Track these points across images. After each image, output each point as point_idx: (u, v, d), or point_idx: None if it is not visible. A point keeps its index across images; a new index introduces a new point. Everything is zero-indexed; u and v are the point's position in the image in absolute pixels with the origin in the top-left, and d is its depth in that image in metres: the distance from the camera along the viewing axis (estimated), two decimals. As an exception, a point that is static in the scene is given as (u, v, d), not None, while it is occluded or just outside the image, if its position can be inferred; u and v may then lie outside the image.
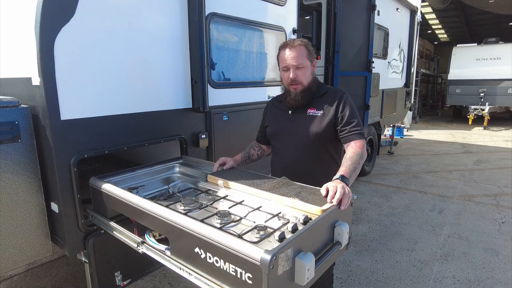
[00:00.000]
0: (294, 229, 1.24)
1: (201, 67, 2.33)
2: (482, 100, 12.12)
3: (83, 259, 2.02)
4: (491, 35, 13.22)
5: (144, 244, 1.51)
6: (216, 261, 1.19)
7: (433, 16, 19.16)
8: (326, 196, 1.47)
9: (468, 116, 12.63)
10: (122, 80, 2.00)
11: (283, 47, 1.90)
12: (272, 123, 2.05)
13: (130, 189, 1.79)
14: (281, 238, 1.17)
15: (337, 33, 4.02)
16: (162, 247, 1.44)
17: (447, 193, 5.25)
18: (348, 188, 1.52)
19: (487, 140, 9.89)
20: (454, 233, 3.89)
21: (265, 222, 1.38)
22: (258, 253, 1.06)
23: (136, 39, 2.04)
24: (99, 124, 1.92)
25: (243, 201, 1.59)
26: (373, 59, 4.87)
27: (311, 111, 1.91)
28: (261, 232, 1.30)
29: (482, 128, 12.11)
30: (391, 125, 7.61)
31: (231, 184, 1.71)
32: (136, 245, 1.54)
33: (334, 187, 1.46)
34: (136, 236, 1.55)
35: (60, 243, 1.95)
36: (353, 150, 1.78)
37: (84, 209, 1.92)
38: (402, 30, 6.78)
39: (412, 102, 8.61)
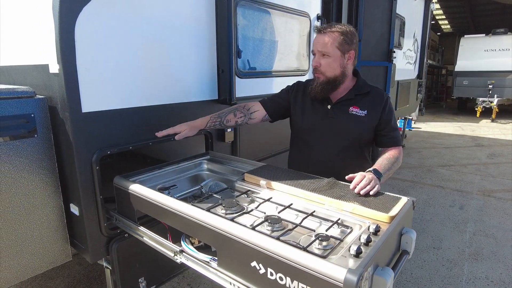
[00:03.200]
0: (368, 240, 1.07)
1: (229, 55, 2.13)
2: (490, 92, 11.90)
3: (105, 264, 1.85)
4: (496, 26, 12.94)
5: (183, 253, 1.33)
6: (281, 279, 1.01)
7: (437, 6, 18.81)
8: (350, 181, 1.44)
9: (476, 109, 12.43)
10: (148, 68, 1.81)
11: (316, 30, 1.73)
12: (305, 115, 1.85)
13: (160, 190, 1.61)
14: (358, 252, 1.00)
15: (359, 20, 3.80)
16: (206, 257, 1.26)
17: (465, 188, 5.10)
18: (378, 181, 1.44)
19: (497, 133, 9.73)
20: (479, 231, 3.75)
21: (326, 230, 1.21)
22: (340, 273, 0.89)
23: (162, 23, 1.84)
24: (123, 117, 1.73)
25: (291, 204, 1.42)
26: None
27: (354, 110, 1.75)
28: (324, 243, 1.13)
29: (490, 120, 11.93)
30: (403, 117, 7.43)
31: (275, 184, 1.53)
32: (173, 254, 1.36)
33: (361, 176, 1.42)
34: (173, 245, 1.37)
35: (81, 248, 1.77)
36: (392, 152, 1.71)
37: (107, 211, 1.75)
38: (417, 19, 6.55)
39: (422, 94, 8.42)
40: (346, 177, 1.46)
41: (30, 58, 1.70)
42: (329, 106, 1.78)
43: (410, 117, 8.97)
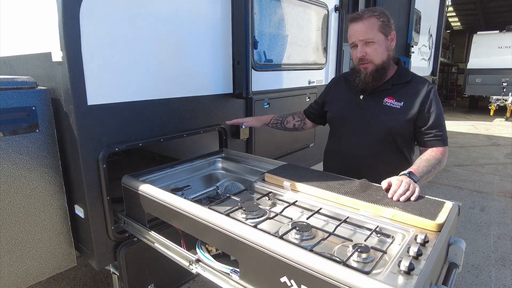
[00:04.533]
0: (419, 253, 0.91)
1: (245, 45, 1.97)
2: (504, 90, 11.57)
3: (112, 270, 1.72)
4: (508, 23, 12.57)
5: (200, 262, 1.19)
6: (318, 299, 0.86)
7: (448, 3, 18.41)
8: (387, 190, 1.27)
9: (489, 107, 12.09)
10: (158, 58, 1.66)
11: (349, 20, 1.58)
12: (336, 106, 1.75)
13: (173, 191, 1.47)
14: (411, 269, 0.84)
15: (377, 12, 3.62)
16: (226, 268, 1.12)
17: (484, 189, 4.89)
18: (416, 184, 1.28)
19: (513, 132, 9.46)
20: (503, 234, 3.55)
21: (365, 240, 1.05)
22: (396, 297, 0.73)
23: (175, 10, 1.69)
24: (133, 111, 1.59)
25: (320, 209, 1.26)
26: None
27: (388, 101, 1.59)
28: (363, 255, 0.98)
29: (504, 119, 11.62)
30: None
31: (301, 186, 1.38)
32: (188, 264, 1.22)
33: (398, 181, 1.26)
34: (189, 253, 1.23)
35: (86, 253, 1.64)
36: (433, 153, 1.52)
37: (114, 214, 1.61)
38: (432, 13, 6.33)
39: (436, 91, 8.19)
40: (383, 188, 1.30)
41: (32, 47, 1.57)
42: (361, 97, 1.65)
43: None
